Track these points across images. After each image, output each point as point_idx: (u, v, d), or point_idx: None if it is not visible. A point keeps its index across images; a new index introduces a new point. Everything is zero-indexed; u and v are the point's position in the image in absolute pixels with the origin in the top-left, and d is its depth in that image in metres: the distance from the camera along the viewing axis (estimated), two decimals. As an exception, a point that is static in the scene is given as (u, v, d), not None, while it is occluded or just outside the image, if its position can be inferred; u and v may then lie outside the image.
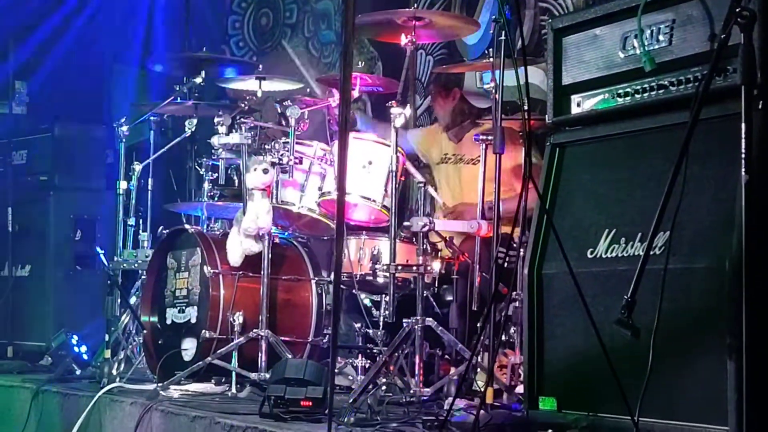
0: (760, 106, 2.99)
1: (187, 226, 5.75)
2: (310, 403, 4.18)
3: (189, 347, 5.37)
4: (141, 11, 9.43)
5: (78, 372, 6.13)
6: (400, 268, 4.83)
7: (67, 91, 8.57)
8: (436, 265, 4.91)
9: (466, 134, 5.91)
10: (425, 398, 4.55)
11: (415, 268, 4.79)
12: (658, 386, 3.12)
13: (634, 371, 3.17)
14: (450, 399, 4.28)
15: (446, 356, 5.00)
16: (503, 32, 4.19)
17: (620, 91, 3.55)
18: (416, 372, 4.63)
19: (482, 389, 4.17)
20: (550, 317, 3.64)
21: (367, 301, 5.29)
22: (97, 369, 5.80)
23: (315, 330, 5.54)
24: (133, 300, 6.09)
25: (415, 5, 5.15)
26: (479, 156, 5.03)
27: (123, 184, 6.14)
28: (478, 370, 4.50)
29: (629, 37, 3.52)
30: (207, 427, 4.27)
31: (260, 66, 6.01)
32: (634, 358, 3.18)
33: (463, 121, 5.99)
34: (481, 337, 4.25)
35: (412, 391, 4.55)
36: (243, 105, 5.75)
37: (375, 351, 5.00)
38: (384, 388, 4.57)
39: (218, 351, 5.09)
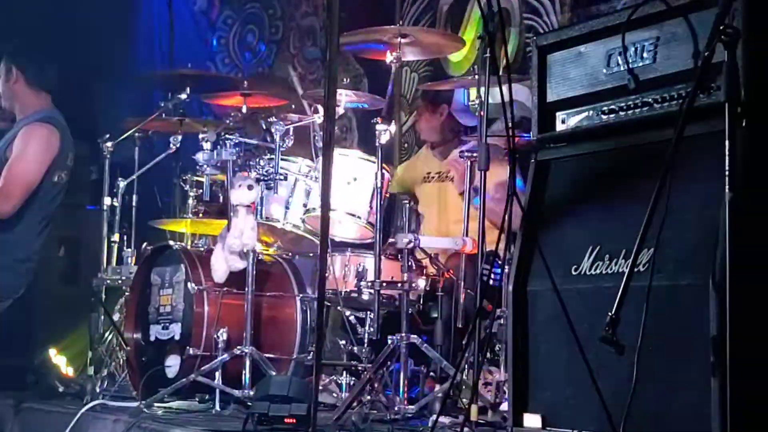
0: (743, 124, 3.00)
1: (171, 243, 5.73)
2: (294, 421, 4.16)
3: (173, 364, 5.35)
4: (126, 27, 9.44)
5: (61, 389, 6.09)
6: (384, 284, 4.82)
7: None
8: (421, 282, 4.91)
9: (450, 153, 5.92)
10: (410, 415, 4.54)
11: (400, 284, 4.79)
12: (642, 403, 3.11)
13: (618, 388, 3.17)
14: (434, 416, 4.27)
15: (431, 373, 4.99)
16: (488, 49, 4.21)
17: (604, 108, 3.55)
18: (401, 389, 4.62)
19: (467, 406, 4.16)
20: (534, 334, 3.64)
21: (352, 318, 5.29)
22: (80, 386, 5.78)
23: (299, 347, 5.53)
24: (116, 317, 6.07)
25: (400, 22, 5.15)
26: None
27: (107, 201, 6.12)
28: (463, 387, 4.50)
29: (613, 55, 3.53)
30: (190, 444, 4.25)
31: (245, 82, 6.02)
32: (618, 375, 3.18)
33: (452, 139, 6.00)
34: (466, 354, 4.25)
35: (396, 409, 4.54)
36: (228, 121, 5.75)
37: (360, 368, 4.99)
38: (368, 405, 4.57)
39: (202, 368, 5.06)
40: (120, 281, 6.04)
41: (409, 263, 4.79)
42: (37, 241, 5.63)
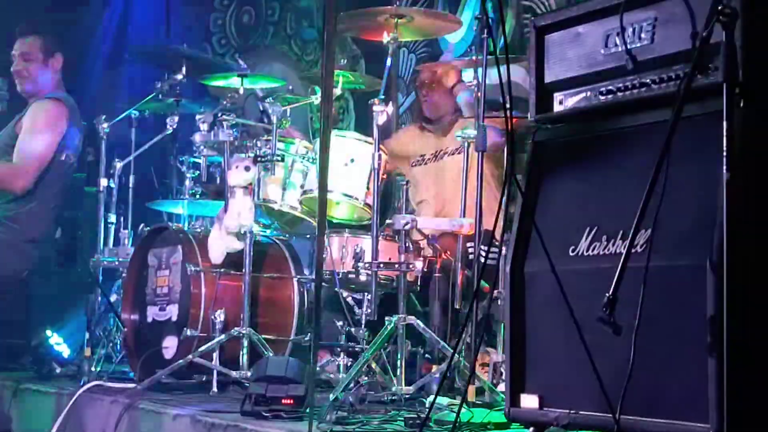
0: (741, 104, 2.99)
1: (168, 224, 5.73)
2: (292, 401, 4.17)
3: (170, 345, 5.35)
4: (121, 7, 9.40)
5: (58, 370, 6.10)
6: (382, 265, 4.82)
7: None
8: (419, 264, 4.91)
9: (453, 128, 5.87)
10: (407, 396, 4.55)
11: (397, 266, 4.79)
12: (639, 384, 3.11)
13: (615, 369, 3.17)
14: (431, 397, 4.27)
15: (428, 354, 4.99)
16: (485, 30, 4.19)
17: (602, 88, 3.54)
18: (398, 370, 4.62)
19: (464, 387, 4.17)
20: (531, 315, 3.63)
21: (349, 299, 5.28)
22: (78, 367, 5.78)
23: (297, 328, 5.53)
24: (113, 298, 6.07)
25: (397, 3, 5.12)
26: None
27: (104, 182, 6.11)
28: (460, 368, 4.50)
29: (611, 35, 3.52)
30: (188, 425, 4.26)
31: (242, 63, 6.00)
32: (615, 356, 3.18)
33: (458, 116, 5.92)
34: (463, 336, 4.25)
35: (393, 390, 4.55)
36: (225, 102, 5.74)
37: (357, 349, 4.99)
38: (365, 386, 4.57)
39: (199, 349, 5.07)
40: (117, 262, 6.04)
41: (407, 244, 4.78)
42: (46, 225, 5.63)
